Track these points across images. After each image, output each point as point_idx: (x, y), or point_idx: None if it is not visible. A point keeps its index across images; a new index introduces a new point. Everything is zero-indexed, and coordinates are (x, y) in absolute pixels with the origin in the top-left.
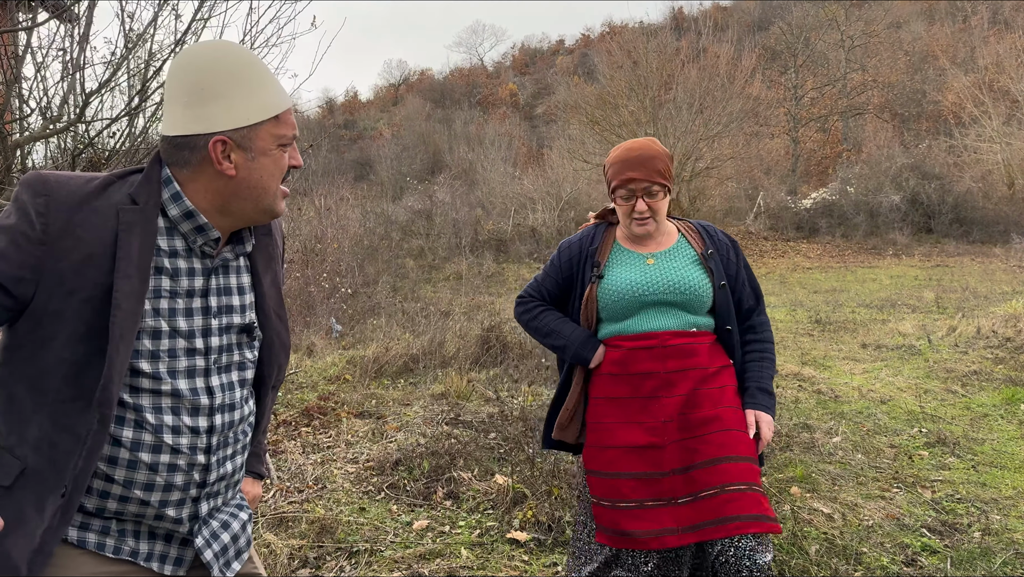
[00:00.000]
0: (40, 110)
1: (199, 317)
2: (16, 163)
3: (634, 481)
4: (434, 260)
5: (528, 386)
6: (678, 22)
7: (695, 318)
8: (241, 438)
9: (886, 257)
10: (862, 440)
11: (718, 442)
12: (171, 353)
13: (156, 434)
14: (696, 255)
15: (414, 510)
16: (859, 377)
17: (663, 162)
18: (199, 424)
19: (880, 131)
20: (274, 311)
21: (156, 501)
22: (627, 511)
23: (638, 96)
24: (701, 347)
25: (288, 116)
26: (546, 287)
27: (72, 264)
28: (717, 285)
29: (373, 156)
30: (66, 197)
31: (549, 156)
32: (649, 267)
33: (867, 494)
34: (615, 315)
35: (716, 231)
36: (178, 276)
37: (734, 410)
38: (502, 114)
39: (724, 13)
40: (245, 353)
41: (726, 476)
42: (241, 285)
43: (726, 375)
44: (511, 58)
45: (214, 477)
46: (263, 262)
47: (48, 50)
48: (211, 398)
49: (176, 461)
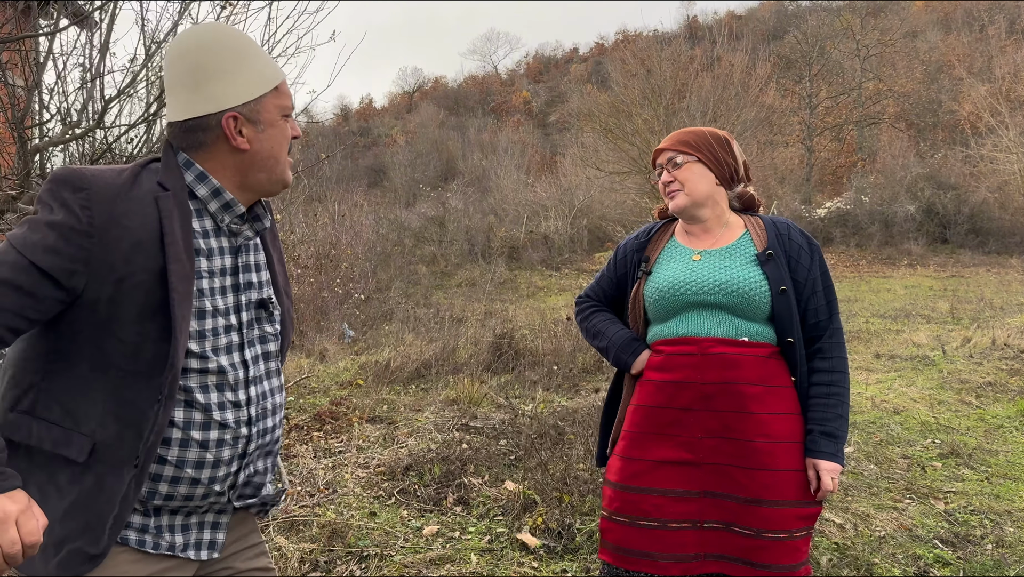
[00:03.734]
0: (60, 116)
1: (231, 295)
2: (35, 168)
3: (660, 498)
4: (447, 266)
5: (540, 393)
6: (692, 30)
7: (748, 325)
8: (277, 409)
9: (901, 267)
10: (875, 450)
11: (763, 482)
12: (214, 332)
13: (206, 412)
14: (754, 254)
15: (424, 515)
16: (872, 387)
17: (697, 136)
18: (239, 397)
19: (895, 141)
20: (283, 287)
21: (206, 478)
22: (646, 530)
23: (652, 104)
24: (748, 360)
25: (285, 87)
26: (602, 286)
27: (122, 253)
28: (776, 290)
29: (387, 163)
30: (105, 189)
31: (562, 164)
32: (695, 264)
33: (879, 505)
34: (659, 315)
35: (792, 229)
36: (212, 256)
37: (787, 446)
38: (515, 121)
39: (739, 22)
40: (265, 327)
41: (767, 522)
42: (258, 262)
43: (780, 399)
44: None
45: (254, 447)
46: (271, 240)
47: (69, 57)
48: (246, 371)
49: (224, 436)
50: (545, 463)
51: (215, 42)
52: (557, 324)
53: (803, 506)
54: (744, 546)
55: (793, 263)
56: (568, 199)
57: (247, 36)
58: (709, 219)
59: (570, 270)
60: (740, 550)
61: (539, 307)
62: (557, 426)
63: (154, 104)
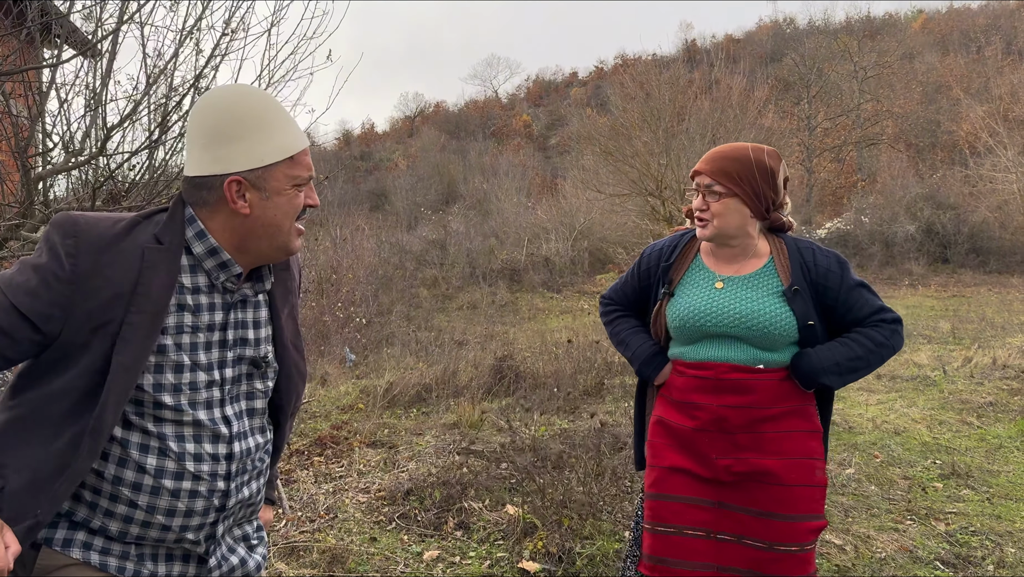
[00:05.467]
0: (63, 144)
1: (216, 350)
2: (38, 196)
3: (677, 505)
4: (448, 290)
5: (540, 416)
6: (691, 54)
7: (764, 354)
8: (259, 465)
9: (902, 287)
10: (875, 471)
11: (776, 496)
12: (192, 386)
13: (179, 461)
14: (779, 288)
15: (424, 540)
16: (873, 408)
17: (740, 166)
18: (219, 451)
19: (895, 161)
20: (291, 342)
21: (177, 526)
22: (664, 536)
23: (651, 127)
24: (763, 384)
25: (303, 157)
26: (626, 292)
27: (100, 302)
28: (803, 324)
29: (388, 187)
30: (95, 239)
31: (563, 186)
32: (716, 293)
33: (880, 526)
34: (680, 338)
35: (817, 252)
36: (200, 311)
37: (799, 462)
38: (516, 145)
39: (737, 45)
40: (255, 384)
41: (779, 535)
42: (257, 320)
43: (796, 417)
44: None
45: (233, 502)
46: (281, 296)
47: (72, 86)
48: (228, 427)
49: (197, 488)
50: (544, 487)
51: (237, 105)
52: (558, 346)
53: (814, 520)
54: (756, 559)
55: (821, 289)
56: (569, 221)
57: (274, 103)
58: (737, 247)
59: (571, 292)
60: (752, 563)
61: (540, 329)
62: (557, 449)
63: (155, 131)
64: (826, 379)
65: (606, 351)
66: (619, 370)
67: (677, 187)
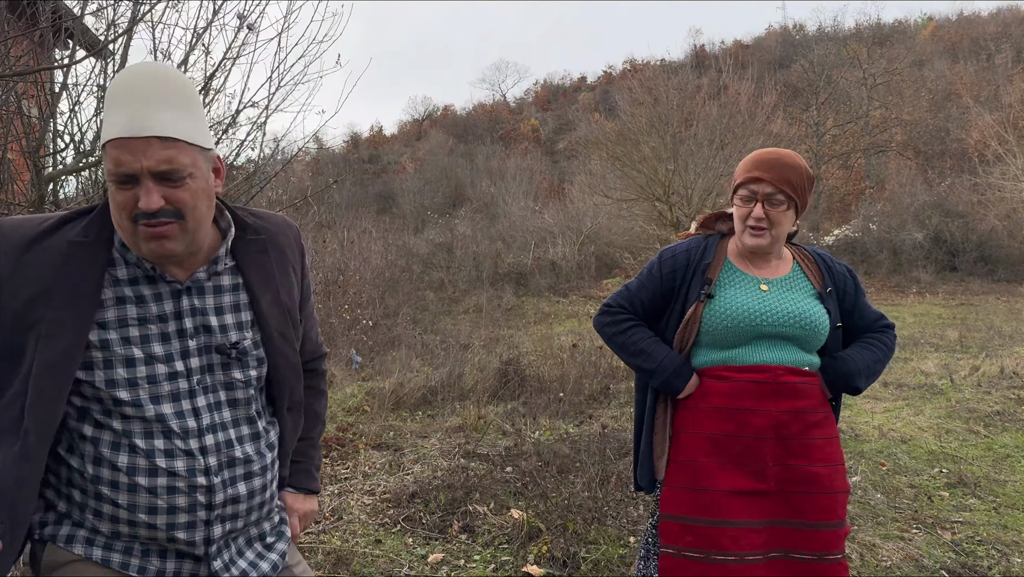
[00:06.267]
0: (74, 145)
1: (176, 340)
2: (48, 196)
3: (737, 530)
4: (454, 293)
5: (545, 420)
6: (699, 59)
7: (808, 356)
8: (255, 458)
9: (909, 295)
10: (881, 480)
11: (821, 505)
12: (151, 379)
13: (149, 458)
14: (814, 290)
15: (429, 543)
16: (880, 416)
17: (799, 175)
18: (191, 446)
19: (903, 168)
20: (276, 331)
21: (163, 524)
22: (722, 565)
23: (659, 132)
24: (813, 388)
25: (131, 145)
26: (640, 299)
27: (22, 303)
28: (833, 326)
29: (396, 189)
30: (16, 240)
31: (570, 191)
32: (764, 294)
33: (886, 534)
34: (720, 342)
35: (834, 261)
36: (144, 302)
37: (838, 468)
38: (524, 149)
39: (745, 51)
40: (233, 373)
41: (826, 545)
42: (220, 305)
43: (831, 423)
44: (533, 94)
45: (221, 499)
46: (259, 281)
47: (84, 87)
48: (197, 419)
49: (175, 484)
50: (549, 491)
51: (121, 74)
52: (564, 351)
53: (846, 525)
54: (805, 570)
55: (842, 295)
56: (576, 226)
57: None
58: (772, 252)
59: (577, 296)
60: (802, 574)
61: (546, 333)
62: (562, 453)
63: None
64: (858, 381)
65: (611, 356)
66: (624, 375)
67: (684, 192)
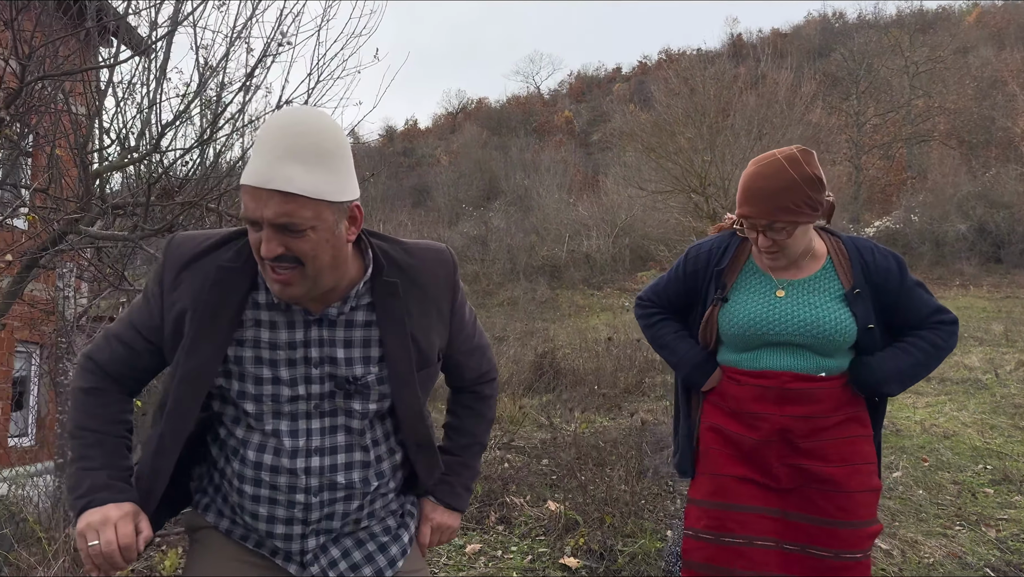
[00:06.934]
0: (119, 141)
1: (301, 366)
2: (96, 191)
3: (744, 515)
4: (488, 285)
5: (581, 413)
6: (736, 49)
7: (826, 361)
8: (357, 485)
9: (952, 288)
10: (924, 476)
11: (839, 504)
12: (275, 398)
13: (256, 470)
14: (841, 291)
15: (467, 534)
16: (922, 411)
17: (794, 196)
18: (296, 465)
19: (946, 158)
20: (400, 375)
21: (263, 529)
22: (731, 548)
23: (695, 123)
24: (826, 393)
25: (257, 194)
26: (668, 294)
27: (177, 314)
28: (863, 328)
29: (430, 183)
30: (179, 256)
31: (604, 183)
32: (778, 301)
33: (928, 531)
34: (734, 345)
35: (876, 252)
36: (276, 328)
37: (860, 468)
38: (558, 141)
39: (784, 40)
40: (352, 404)
41: (844, 543)
42: (350, 339)
43: (856, 422)
44: (567, 86)
45: (316, 516)
46: (388, 323)
47: (129, 86)
48: (308, 440)
49: (275, 496)
50: (586, 484)
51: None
52: (598, 344)
53: (872, 524)
54: (821, 568)
55: (880, 290)
56: (610, 218)
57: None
58: (797, 259)
59: (612, 289)
60: (816, 572)
61: (580, 326)
62: (598, 447)
63: (208, 129)
64: (887, 388)
65: (647, 349)
66: (660, 368)
67: (721, 184)
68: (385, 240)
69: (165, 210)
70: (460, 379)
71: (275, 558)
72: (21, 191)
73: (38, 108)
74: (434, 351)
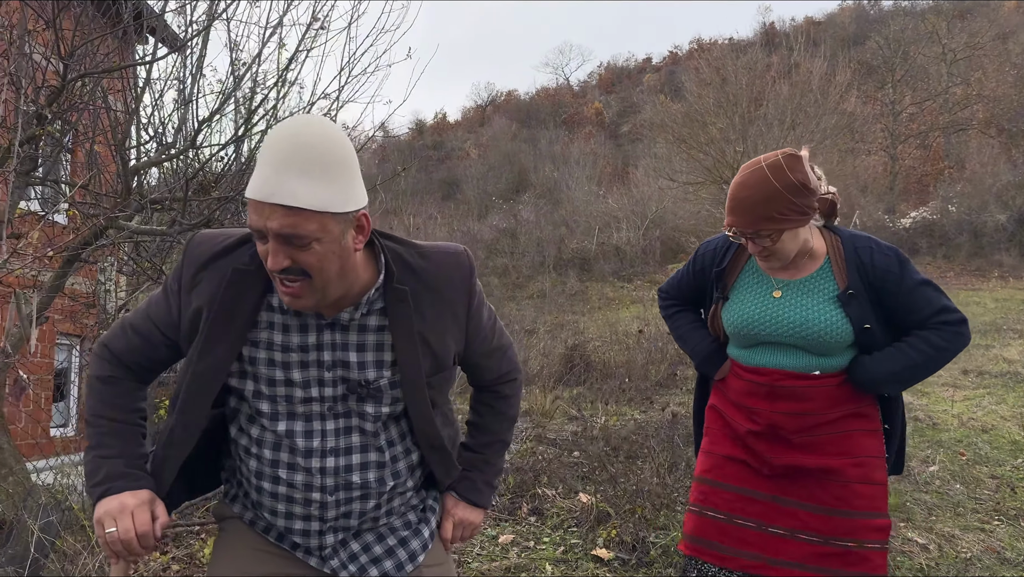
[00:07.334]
0: (156, 137)
1: (314, 369)
2: (134, 187)
3: (729, 494)
4: (518, 278)
5: (612, 406)
6: (769, 37)
7: (822, 360)
8: (373, 485)
9: (991, 279)
10: (961, 470)
11: (835, 493)
12: (288, 399)
13: (273, 468)
14: (835, 292)
15: (500, 524)
16: (959, 404)
17: (776, 204)
18: (312, 464)
19: (985, 147)
20: (411, 381)
21: (282, 525)
22: (715, 522)
23: (727, 113)
24: (819, 392)
25: (260, 208)
26: (682, 288)
27: (193, 311)
28: (859, 328)
29: (460, 176)
30: (198, 255)
31: (634, 175)
32: (773, 301)
33: (966, 526)
34: (734, 341)
35: (874, 252)
36: (288, 332)
37: (861, 460)
38: (587, 133)
39: (817, 27)
40: (365, 407)
41: (835, 530)
42: (363, 343)
43: (856, 418)
44: (597, 77)
45: (332, 515)
46: (398, 328)
47: (166, 83)
48: (323, 441)
49: (292, 494)
50: (617, 476)
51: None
52: (629, 336)
53: (875, 517)
54: (809, 553)
55: (879, 291)
56: (640, 210)
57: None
58: (795, 256)
59: (642, 282)
60: (805, 557)
61: (610, 319)
62: (629, 439)
63: (243, 125)
64: (882, 388)
65: None
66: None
67: None
68: (401, 244)
69: (202, 205)
70: (480, 380)
71: (295, 552)
72: (62, 187)
73: (78, 105)
74: (449, 355)
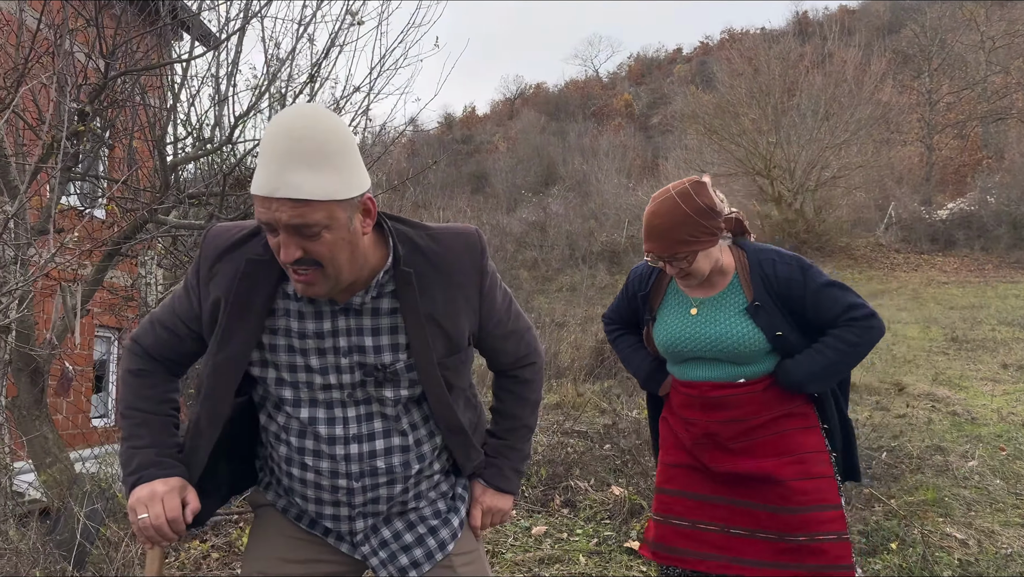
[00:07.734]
0: (193, 133)
1: (331, 355)
2: (172, 182)
3: (690, 501)
4: (547, 271)
5: (641, 399)
6: (802, 27)
7: (743, 368)
8: (398, 469)
9: None
10: (1001, 464)
11: (779, 494)
12: (309, 385)
13: (299, 455)
14: (744, 304)
15: (532, 516)
16: (999, 398)
17: (688, 228)
18: (336, 451)
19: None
20: (425, 365)
21: (312, 511)
22: (679, 529)
23: (759, 103)
24: (747, 398)
25: (267, 203)
26: (621, 312)
27: (212, 303)
28: (771, 336)
29: (489, 169)
30: (215, 248)
31: (664, 167)
32: (692, 319)
33: (1006, 521)
34: (667, 358)
35: (777, 262)
36: (303, 319)
37: (797, 458)
38: (617, 125)
39: (851, 16)
40: (384, 392)
41: (787, 526)
42: (378, 327)
43: (787, 420)
44: (627, 68)
45: (360, 500)
46: (408, 310)
47: (202, 80)
48: (345, 428)
49: (320, 481)
50: (648, 470)
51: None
52: None
53: (823, 510)
54: (768, 550)
55: (785, 299)
56: None
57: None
58: (710, 274)
59: None
60: (764, 554)
61: None
62: None
63: None
64: (807, 389)
65: None
66: None
67: (787, 165)
68: (411, 226)
69: (239, 199)
70: (498, 363)
71: (327, 538)
72: (102, 182)
73: (118, 102)
74: (463, 336)
